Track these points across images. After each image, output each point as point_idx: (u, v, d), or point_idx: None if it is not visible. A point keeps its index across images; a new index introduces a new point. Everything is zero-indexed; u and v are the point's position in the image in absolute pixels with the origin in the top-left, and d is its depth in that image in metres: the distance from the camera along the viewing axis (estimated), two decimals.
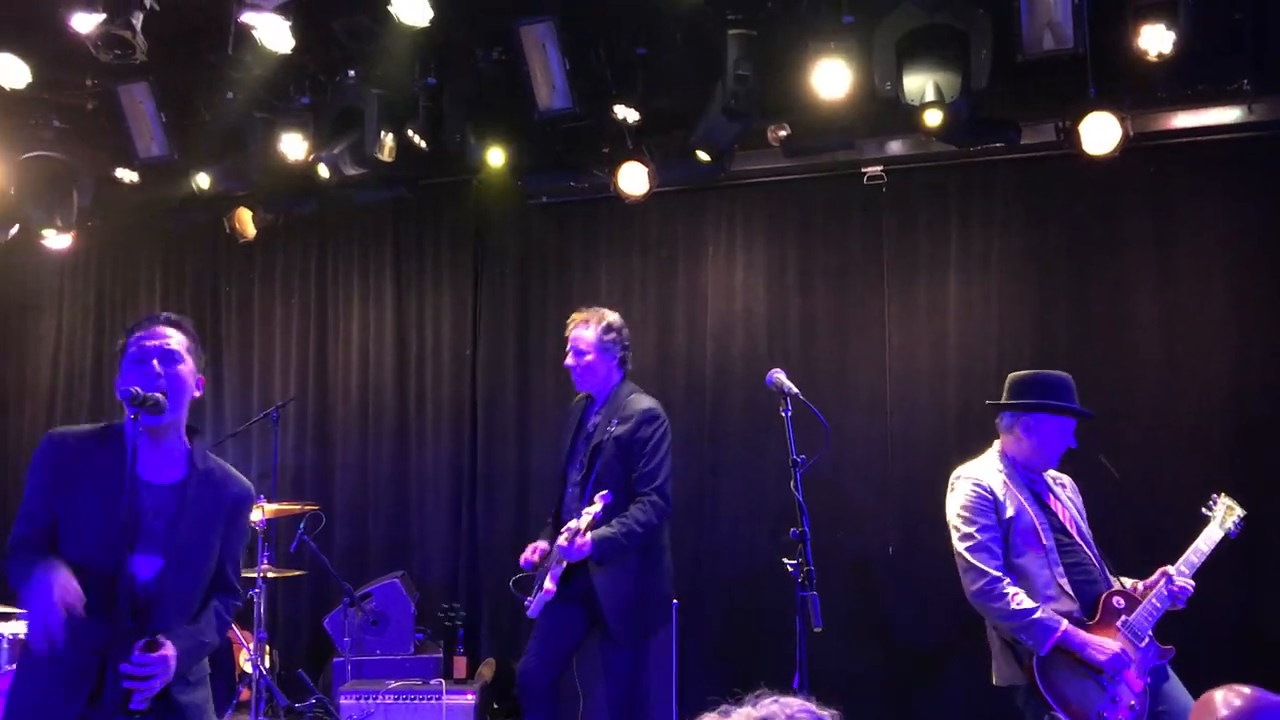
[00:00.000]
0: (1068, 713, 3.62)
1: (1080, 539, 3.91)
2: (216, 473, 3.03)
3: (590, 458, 4.62)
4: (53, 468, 2.89)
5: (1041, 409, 3.90)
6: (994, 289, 5.93)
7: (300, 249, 7.38)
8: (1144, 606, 3.79)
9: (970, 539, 3.82)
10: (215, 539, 2.97)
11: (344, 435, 7.19)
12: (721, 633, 6.28)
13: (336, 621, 6.13)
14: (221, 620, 3.03)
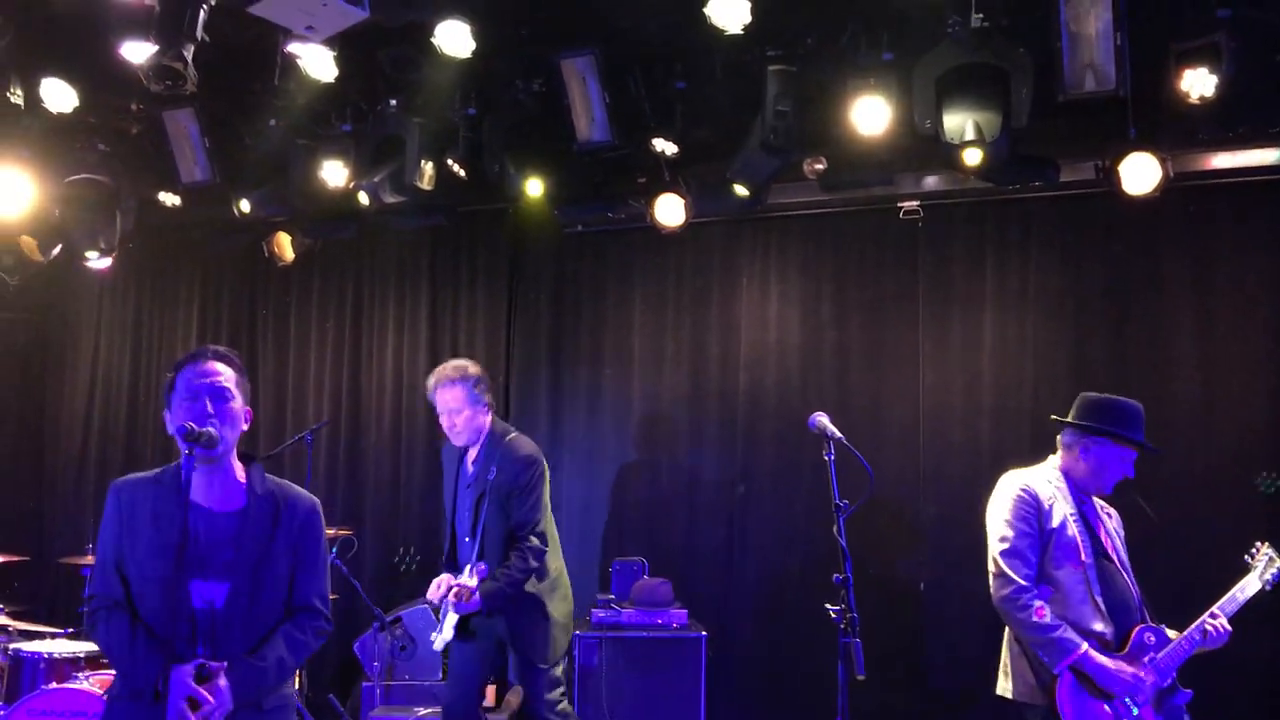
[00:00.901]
0: None
1: (1120, 565, 3.88)
2: (278, 494, 3.07)
3: (476, 508, 4.78)
4: (118, 516, 2.97)
5: (1105, 434, 3.85)
6: (1030, 327, 5.91)
7: (337, 274, 7.44)
8: (1173, 646, 3.77)
9: (1006, 543, 3.80)
10: (284, 560, 2.99)
11: (376, 459, 7.24)
12: (750, 667, 6.26)
13: (366, 646, 6.14)
14: (294, 641, 3.00)
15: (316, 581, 3.08)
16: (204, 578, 2.87)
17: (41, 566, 7.17)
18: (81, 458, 7.83)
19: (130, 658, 2.88)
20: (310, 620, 3.06)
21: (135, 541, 2.91)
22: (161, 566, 2.84)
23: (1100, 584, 3.78)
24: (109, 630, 2.92)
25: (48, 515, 7.86)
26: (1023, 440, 5.78)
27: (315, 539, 3.09)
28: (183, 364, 3.04)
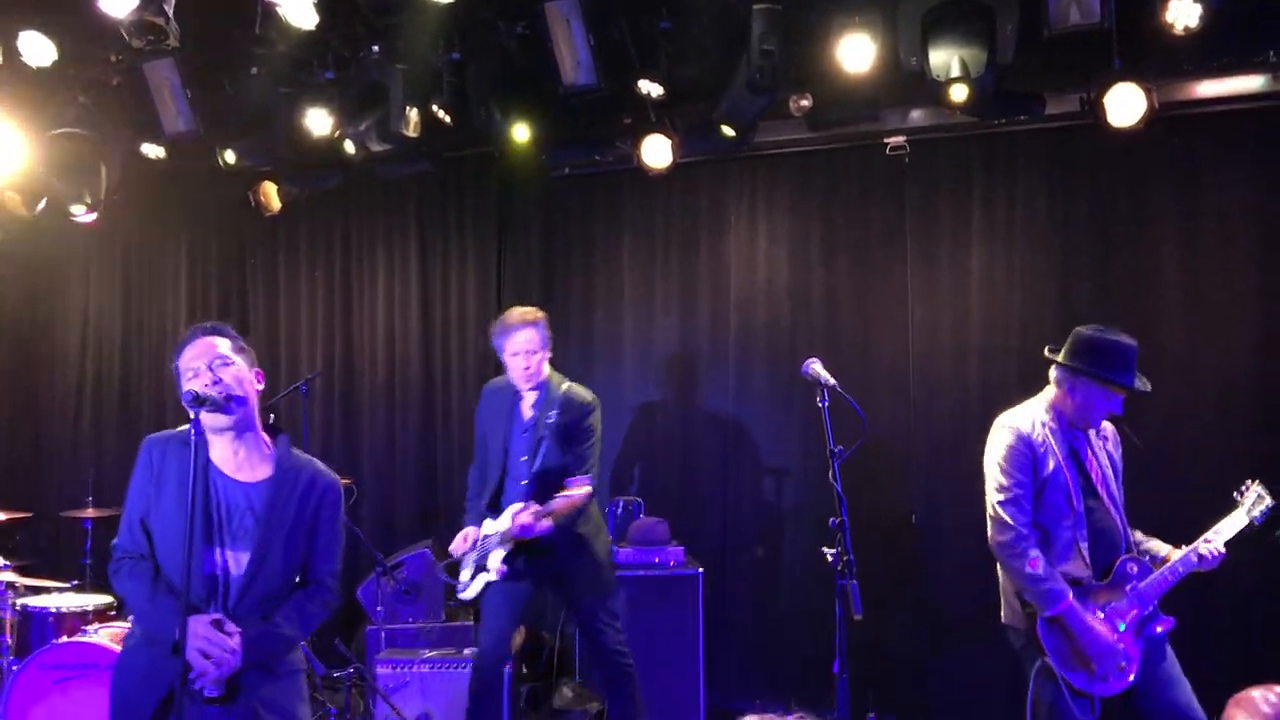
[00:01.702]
0: (1061, 663, 3.73)
1: (1109, 501, 3.95)
2: (305, 469, 3.12)
3: (534, 450, 4.90)
4: (148, 472, 3.05)
5: (1089, 376, 3.88)
6: (1017, 261, 5.95)
7: (325, 223, 7.44)
8: (1156, 576, 3.86)
9: (1004, 491, 3.87)
10: (302, 535, 3.06)
11: (371, 407, 7.29)
12: (747, 605, 6.39)
13: (369, 591, 6.24)
14: (304, 611, 3.09)
15: (330, 560, 3.17)
16: (223, 545, 2.94)
17: (43, 521, 7.23)
18: (77, 412, 7.87)
19: (151, 609, 2.97)
20: (320, 593, 3.15)
21: (160, 499, 3.00)
22: (182, 527, 2.91)
23: (1087, 529, 3.86)
24: (131, 581, 3.01)
25: (46, 470, 7.90)
26: (1010, 375, 5.85)
27: (333, 518, 3.16)
28: (179, 348, 3.09)
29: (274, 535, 2.99)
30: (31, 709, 4.95)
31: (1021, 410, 4.02)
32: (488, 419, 5.13)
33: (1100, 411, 3.93)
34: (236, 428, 3.02)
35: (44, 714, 4.91)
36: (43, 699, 4.94)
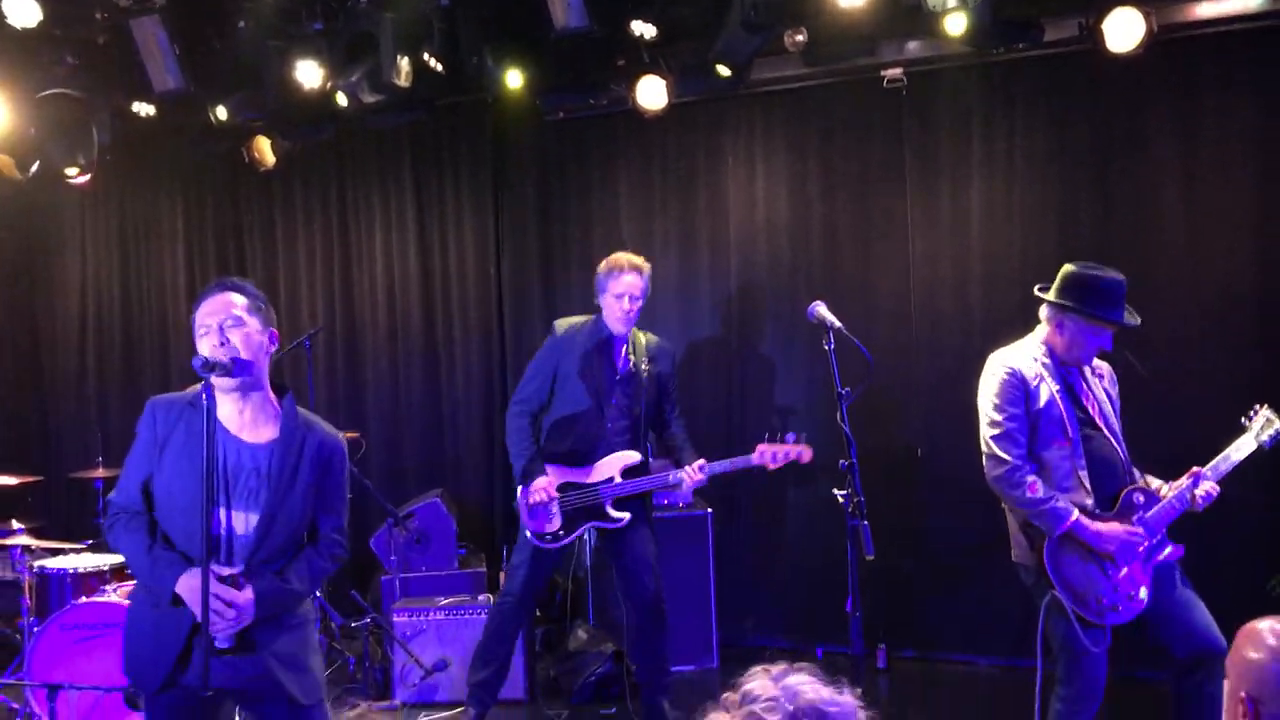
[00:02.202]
0: (1070, 595, 3.76)
1: (1108, 432, 3.97)
2: (311, 429, 3.13)
3: (635, 397, 4.95)
4: (151, 434, 3.04)
5: (1076, 313, 3.89)
6: (1017, 191, 5.92)
7: (320, 176, 7.40)
8: (1163, 505, 3.87)
9: (996, 426, 3.88)
10: (308, 495, 3.08)
11: (374, 359, 7.31)
12: (756, 544, 6.45)
13: (382, 541, 6.30)
14: (314, 565, 3.13)
15: (337, 516, 3.19)
16: (229, 505, 2.97)
17: (53, 483, 7.28)
18: (80, 373, 7.89)
19: (149, 565, 2.99)
20: (328, 548, 3.17)
21: (165, 461, 3.00)
22: (188, 489, 2.95)
23: (1085, 458, 3.88)
24: (128, 535, 3.03)
25: (53, 432, 7.95)
26: (1012, 306, 5.84)
27: (340, 476, 3.17)
28: (198, 301, 3.08)
29: (282, 496, 3.02)
30: (55, 669, 5.02)
31: (1013, 348, 4.03)
32: (569, 360, 4.95)
33: (1090, 348, 3.94)
34: (243, 389, 3.02)
35: (67, 674, 4.97)
36: (65, 659, 5.01)
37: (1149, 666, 4.80)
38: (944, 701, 5.52)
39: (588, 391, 4.92)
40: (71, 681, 4.92)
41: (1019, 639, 5.80)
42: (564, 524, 4.91)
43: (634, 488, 4.92)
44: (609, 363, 4.96)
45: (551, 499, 4.88)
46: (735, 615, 6.30)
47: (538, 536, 4.92)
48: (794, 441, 4.87)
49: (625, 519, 4.93)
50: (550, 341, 5.04)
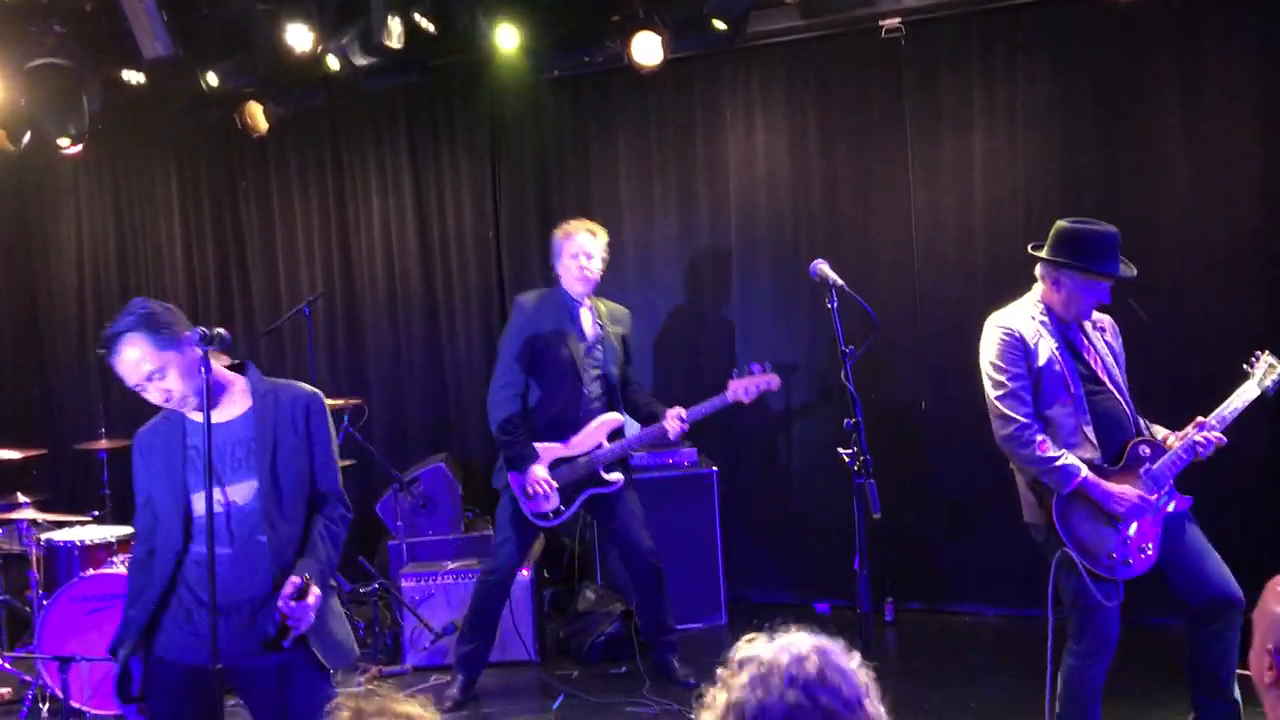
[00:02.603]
0: (1080, 551, 3.75)
1: (1111, 386, 3.93)
2: (280, 390, 3.15)
3: (605, 359, 5.06)
4: (143, 464, 3.14)
5: (1071, 268, 3.85)
6: (1019, 140, 5.85)
7: (314, 142, 7.33)
8: (1169, 456, 3.84)
9: (1001, 387, 3.86)
10: (298, 452, 3.09)
11: (374, 325, 7.29)
12: (761, 501, 6.45)
13: (387, 507, 6.31)
14: (331, 534, 3.14)
15: (332, 470, 3.19)
16: (221, 483, 2.98)
17: (58, 456, 7.27)
18: (80, 344, 7.85)
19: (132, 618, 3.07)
20: (333, 510, 3.18)
21: (156, 481, 3.08)
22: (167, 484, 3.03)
23: (1089, 413, 3.85)
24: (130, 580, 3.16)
25: (56, 404, 7.93)
26: (1016, 254, 5.69)
27: (323, 428, 3.17)
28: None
29: (269, 458, 3.03)
30: (66, 642, 5.04)
31: (1010, 308, 4.00)
32: (540, 333, 4.99)
33: (1088, 302, 3.90)
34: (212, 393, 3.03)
35: (78, 646, 4.99)
36: (76, 631, 5.03)
37: (1161, 613, 4.83)
38: (952, 652, 5.54)
39: (563, 360, 4.98)
40: (82, 653, 4.95)
41: (1025, 589, 5.81)
42: (562, 499, 4.99)
43: (623, 448, 5.02)
44: (578, 329, 5.03)
45: (550, 486, 4.93)
46: (743, 573, 6.31)
47: (539, 517, 5.01)
48: (761, 372, 4.96)
49: (620, 480, 5.04)
50: (517, 317, 5.07)
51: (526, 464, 4.92)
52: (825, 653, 1.66)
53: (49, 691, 5.15)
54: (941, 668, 5.32)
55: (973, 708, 4.80)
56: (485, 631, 5.16)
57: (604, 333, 5.08)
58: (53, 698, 5.15)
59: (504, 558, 5.09)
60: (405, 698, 1.82)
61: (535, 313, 5.03)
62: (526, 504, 4.97)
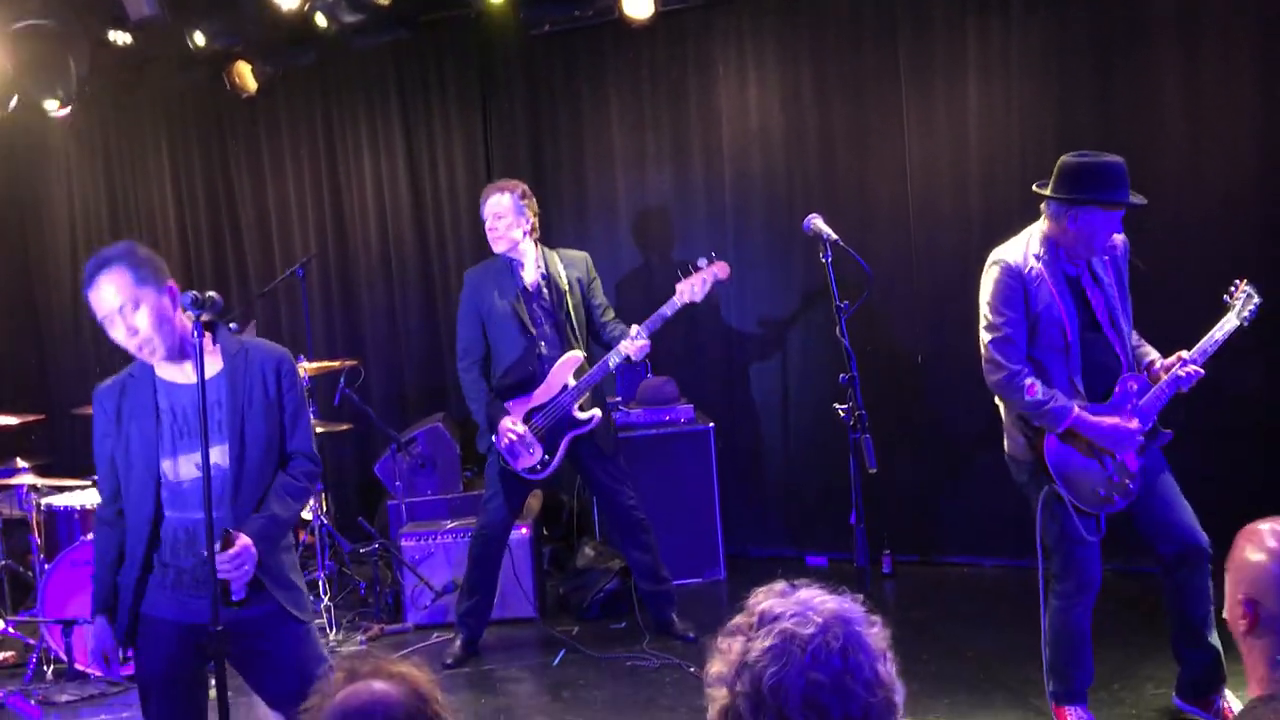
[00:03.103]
0: (1069, 487, 3.79)
1: (1110, 332, 3.91)
2: (250, 350, 3.12)
3: (554, 304, 5.09)
4: (103, 417, 3.09)
5: (1092, 203, 3.76)
6: (1015, 89, 5.79)
7: (304, 101, 7.27)
8: (1153, 392, 3.87)
9: (994, 330, 3.85)
10: (273, 409, 3.08)
11: (369, 286, 7.26)
12: (758, 457, 6.46)
13: (386, 467, 6.32)
14: (293, 488, 3.13)
15: (301, 434, 3.17)
16: (193, 448, 2.96)
17: (56, 421, 7.28)
18: (75, 309, 7.81)
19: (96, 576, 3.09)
20: (299, 465, 3.16)
21: (120, 437, 3.04)
22: (142, 450, 2.99)
23: (1081, 359, 3.85)
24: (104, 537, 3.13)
25: (51, 369, 7.92)
26: (1012, 205, 5.75)
27: (293, 387, 3.16)
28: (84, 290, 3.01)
29: (241, 420, 3.02)
30: (68, 605, 5.08)
31: (1012, 244, 3.94)
32: (485, 299, 5.13)
33: (1104, 235, 3.84)
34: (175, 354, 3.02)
35: (80, 609, 5.02)
36: (77, 594, 5.06)
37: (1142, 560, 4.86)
38: (949, 603, 5.58)
39: (508, 316, 5.08)
40: (85, 616, 4.99)
41: (1021, 540, 5.82)
42: (546, 448, 5.02)
43: (589, 381, 5.07)
44: (515, 284, 5.11)
45: (520, 434, 4.98)
46: (741, 528, 6.35)
47: (529, 471, 5.06)
48: (707, 264, 5.02)
49: (596, 416, 5.08)
50: (465, 288, 5.25)
51: (498, 421, 5.02)
52: (849, 623, 1.62)
53: (53, 654, 5.20)
54: (939, 619, 5.36)
55: (969, 657, 4.85)
56: (483, 589, 5.21)
57: (548, 279, 5.12)
58: (56, 660, 5.19)
59: (492, 514, 5.16)
60: (399, 658, 1.83)
61: (476, 282, 5.19)
62: (512, 461, 5.03)
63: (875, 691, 1.60)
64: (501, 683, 5.00)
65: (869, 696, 1.59)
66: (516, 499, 5.23)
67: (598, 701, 4.66)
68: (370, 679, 1.75)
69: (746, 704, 1.60)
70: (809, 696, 1.57)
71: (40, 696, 4.98)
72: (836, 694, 1.57)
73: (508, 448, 5.01)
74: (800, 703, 1.57)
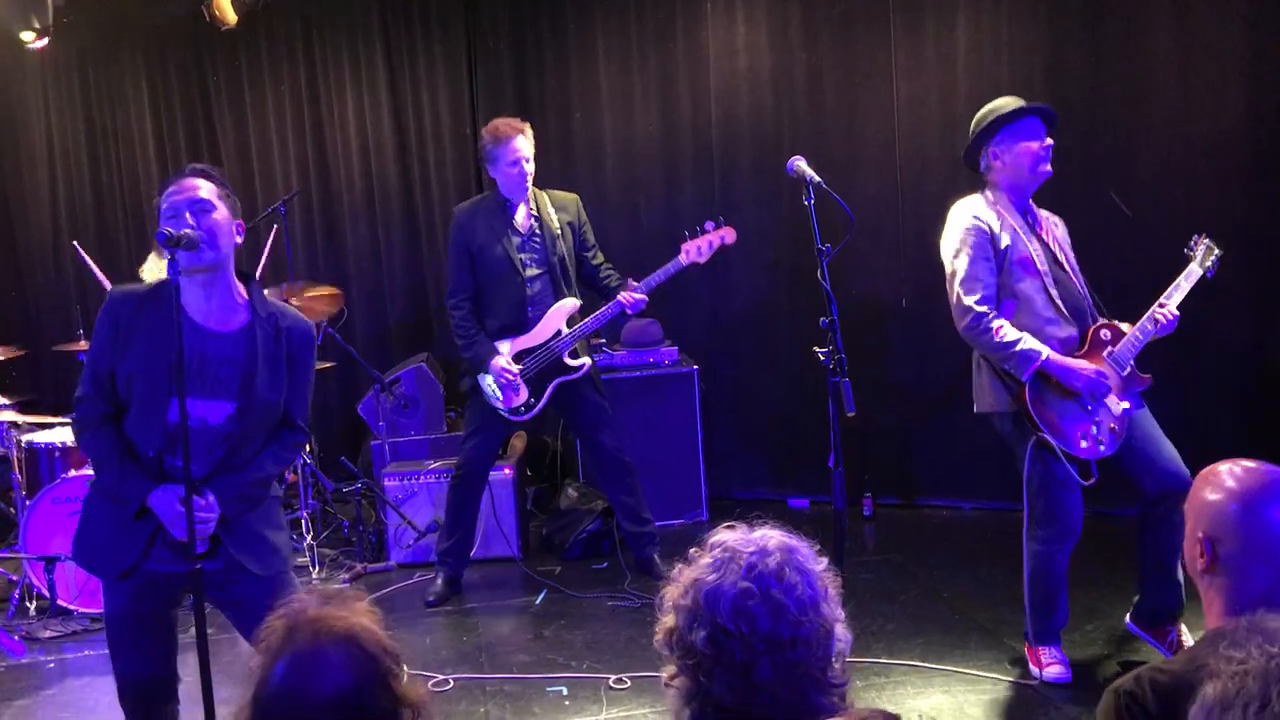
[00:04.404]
0: (1054, 434, 3.83)
1: (1071, 271, 3.99)
2: (278, 315, 3.06)
3: (547, 248, 5.01)
4: (113, 324, 2.96)
5: (995, 122, 3.93)
6: (1004, 32, 5.73)
7: (286, 35, 7.16)
8: (1128, 338, 3.93)
9: (959, 272, 3.91)
10: (280, 382, 3.03)
11: (353, 225, 7.21)
12: (741, 401, 6.47)
13: (369, 407, 6.32)
14: (279, 457, 3.11)
15: (303, 404, 3.16)
16: (200, 395, 2.90)
17: (37, 357, 7.23)
18: (55, 243, 7.74)
19: (118, 474, 2.94)
20: (290, 435, 3.15)
21: (127, 355, 2.93)
22: (149, 384, 2.90)
23: (1058, 288, 3.91)
24: (97, 442, 2.98)
25: (32, 304, 7.85)
26: None
27: (308, 364, 3.13)
28: (162, 188, 2.97)
29: (251, 384, 2.97)
30: (50, 540, 5.08)
31: (971, 197, 4.03)
32: (476, 238, 5.02)
33: (1036, 163, 3.92)
34: (210, 277, 2.94)
35: (63, 545, 5.03)
36: (59, 530, 5.06)
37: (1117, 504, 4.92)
38: (928, 546, 5.63)
39: (500, 260, 5.00)
40: (67, 553, 4.99)
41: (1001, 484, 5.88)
42: (531, 391, 5.01)
43: (582, 330, 5.05)
44: (512, 227, 5.03)
45: (514, 375, 4.96)
46: (724, 470, 6.37)
47: (512, 412, 5.04)
48: (714, 229, 5.01)
49: (585, 364, 5.07)
50: (454, 226, 5.13)
51: (488, 360, 4.97)
52: (791, 551, 1.69)
53: (35, 590, 5.21)
54: (917, 561, 5.41)
55: (946, 598, 4.90)
56: (462, 529, 5.23)
57: (541, 223, 5.04)
58: (39, 596, 5.21)
59: (470, 453, 5.17)
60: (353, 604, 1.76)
61: (469, 220, 5.08)
62: (498, 400, 5.00)
63: (809, 614, 1.63)
64: (483, 621, 5.04)
65: (801, 617, 1.62)
66: (496, 439, 5.23)
67: (578, 640, 4.70)
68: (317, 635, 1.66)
69: (685, 617, 1.65)
70: (738, 604, 1.62)
71: (23, 632, 5.00)
72: (766, 604, 1.62)
73: (502, 386, 4.97)
74: (730, 609, 1.62)
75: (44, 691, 4.55)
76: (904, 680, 4.13)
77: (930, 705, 3.89)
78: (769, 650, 1.61)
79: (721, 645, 1.61)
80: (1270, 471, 2.04)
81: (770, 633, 1.61)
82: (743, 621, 1.61)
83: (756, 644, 1.61)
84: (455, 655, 4.61)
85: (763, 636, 1.61)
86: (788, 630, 1.61)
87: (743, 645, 1.61)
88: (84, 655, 4.84)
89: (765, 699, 1.62)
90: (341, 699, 1.62)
